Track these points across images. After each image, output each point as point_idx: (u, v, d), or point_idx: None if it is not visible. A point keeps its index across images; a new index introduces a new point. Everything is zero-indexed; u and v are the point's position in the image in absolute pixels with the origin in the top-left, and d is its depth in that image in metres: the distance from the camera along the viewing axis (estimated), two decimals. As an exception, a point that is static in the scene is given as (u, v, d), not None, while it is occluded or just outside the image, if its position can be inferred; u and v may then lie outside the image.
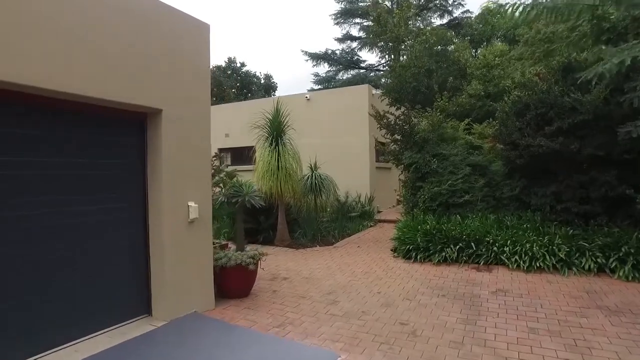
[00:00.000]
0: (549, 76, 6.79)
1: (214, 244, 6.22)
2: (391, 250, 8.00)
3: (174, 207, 4.32)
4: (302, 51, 30.56)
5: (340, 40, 30.63)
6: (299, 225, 9.30)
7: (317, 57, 30.76)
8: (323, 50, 30.54)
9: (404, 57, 8.39)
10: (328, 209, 10.85)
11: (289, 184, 8.43)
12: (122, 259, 4.17)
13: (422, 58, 8.10)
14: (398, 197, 14.39)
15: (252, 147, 9.28)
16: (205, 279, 4.76)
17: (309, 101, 13.20)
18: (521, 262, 6.21)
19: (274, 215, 8.92)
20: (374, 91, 12.52)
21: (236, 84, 35.05)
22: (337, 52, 30.40)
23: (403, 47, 9.09)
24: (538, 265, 6.08)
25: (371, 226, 10.99)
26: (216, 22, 64.27)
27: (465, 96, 13.30)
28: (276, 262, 7.33)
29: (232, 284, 5.14)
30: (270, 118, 8.64)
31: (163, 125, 4.21)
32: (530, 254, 6.19)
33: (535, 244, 6.26)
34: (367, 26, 29.37)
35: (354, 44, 30.34)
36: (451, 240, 6.94)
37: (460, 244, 6.80)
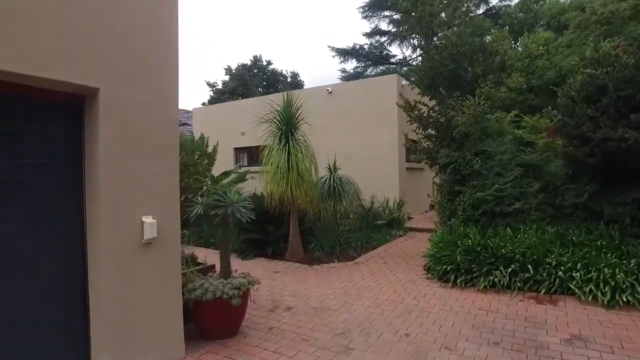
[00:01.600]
0: (631, 49, 5.22)
1: (198, 264, 5.05)
2: (424, 269, 6.60)
3: (117, 223, 3.13)
4: (329, 47, 29.37)
5: (369, 35, 29.16)
6: (315, 236, 8.02)
7: (344, 53, 29.41)
8: (351, 45, 29.17)
9: (439, 35, 7.03)
10: (351, 216, 9.51)
11: (301, 187, 7.17)
12: (45, 311, 2.98)
13: (464, 36, 6.65)
14: (431, 201, 12.89)
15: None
16: (171, 320, 3.55)
17: (331, 94, 11.90)
18: (599, 294, 4.69)
19: (286, 224, 7.68)
20: (403, 82, 11.09)
21: (262, 83, 34.18)
22: (366, 47, 28.96)
23: (438, 23, 7.62)
24: (624, 299, 4.53)
25: (400, 235, 9.57)
26: (242, 20, 64.11)
27: (505, 90, 11.70)
28: (282, 284, 6.07)
29: (211, 322, 3.92)
30: (280, 110, 7.41)
31: (101, 111, 3.03)
32: (611, 283, 4.65)
33: (618, 269, 4.71)
34: (397, 19, 27.85)
35: (383, 39, 28.82)
36: (501, 260, 5.48)
37: (513, 266, 5.33)
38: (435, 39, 8.58)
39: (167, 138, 3.54)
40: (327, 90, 11.89)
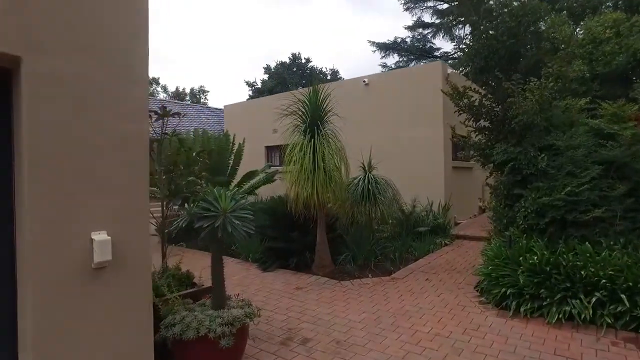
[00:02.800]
0: None
1: (192, 284, 4.20)
2: (475, 289, 5.44)
3: (51, 243, 2.29)
4: (370, 42, 28.09)
5: (411, 27, 27.74)
6: (346, 245, 7.02)
7: (385, 48, 28.18)
8: (392, 39, 27.85)
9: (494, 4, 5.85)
10: (389, 222, 8.41)
11: (329, 189, 6.20)
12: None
13: (529, 5, 5.40)
14: (482, 204, 11.51)
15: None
16: (136, 367, 2.68)
17: (368, 86, 10.83)
18: None
19: (312, 231, 6.74)
20: (449, 70, 9.85)
21: (301, 81, 33.52)
22: (408, 40, 27.54)
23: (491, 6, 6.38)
24: None
25: (446, 244, 8.36)
26: (280, 18, 63.94)
27: (579, 68, 10.23)
28: (303, 304, 5.13)
29: (194, 368, 3.04)
30: (305, 100, 6.47)
31: (24, 88, 2.20)
32: None
33: None
34: (442, 9, 26.23)
35: (427, 31, 27.28)
36: (579, 285, 4.25)
37: (598, 294, 4.09)
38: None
39: (130, 127, 2.68)
40: (364, 81, 10.83)
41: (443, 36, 26.10)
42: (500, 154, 5.71)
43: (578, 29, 18.57)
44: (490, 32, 5.65)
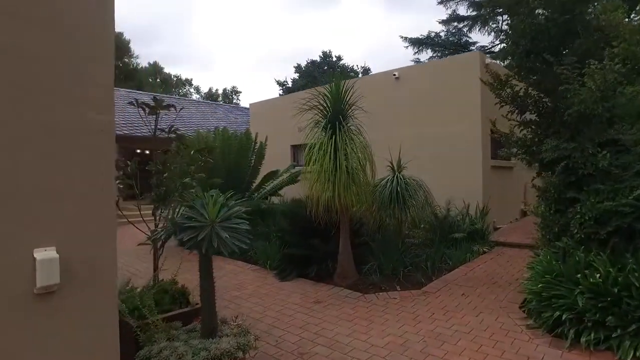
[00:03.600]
0: None
1: (187, 302, 3.69)
2: (521, 309, 4.67)
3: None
4: (402, 37, 27.11)
5: (446, 22, 26.52)
6: (372, 253, 6.35)
7: (418, 43, 27.08)
8: (425, 34, 26.76)
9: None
10: (421, 226, 7.67)
11: (352, 191, 5.57)
12: None
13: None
14: (524, 208, 10.52)
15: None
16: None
17: (398, 80, 10.08)
18: None
19: (335, 238, 6.12)
20: (488, 60, 8.98)
21: (332, 79, 32.90)
22: (442, 34, 26.37)
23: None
24: None
25: (485, 252, 7.53)
26: (312, 17, 63.52)
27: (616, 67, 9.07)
28: (320, 322, 4.52)
29: (173, 414, 2.49)
30: (325, 92, 5.87)
31: None
32: None
33: None
34: (478, 1, 24.94)
35: (462, 24, 26.02)
36: (658, 312, 3.43)
37: (685, 326, 3.27)
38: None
39: (91, 118, 2.15)
40: (394, 75, 10.09)
41: (479, 29, 24.78)
42: (550, 151, 4.88)
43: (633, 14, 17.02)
44: (539, 10, 4.84)
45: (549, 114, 5.14)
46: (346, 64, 35.03)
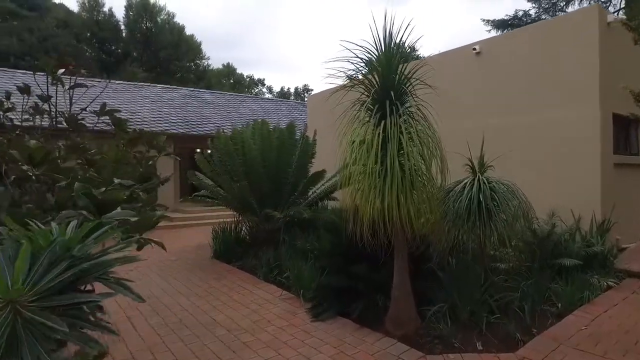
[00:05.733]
0: None
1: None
2: None
3: None
4: (483, 20, 24.14)
5: (537, -2, 23.10)
6: (441, 286, 4.51)
7: (503, 25, 23.92)
8: (511, 14, 23.53)
9: None
10: (512, 244, 5.60)
11: (410, 200, 3.81)
12: None
13: None
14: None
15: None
16: None
17: (480, 56, 7.96)
18: None
19: (387, 264, 4.38)
20: (611, 17, 6.57)
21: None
22: (532, 12, 22.98)
23: None
24: None
25: (609, 287, 5.28)
26: (386, 10, 60.95)
27: None
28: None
29: None
30: (372, 61, 4.14)
31: None
32: None
33: None
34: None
35: (558, -1, 22.43)
36: None
37: None
38: None
39: None
40: (474, 49, 7.97)
41: (580, 1, 21.11)
42: None
43: None
44: None
45: None
46: (421, 55, 32.41)
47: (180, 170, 14.66)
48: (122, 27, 38.12)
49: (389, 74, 4.07)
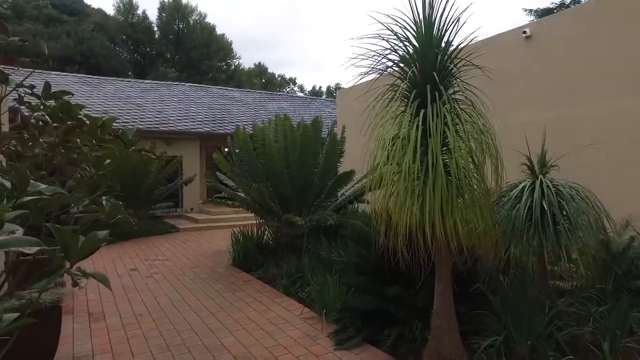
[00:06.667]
0: None
1: None
2: None
3: None
4: (525, 10, 22.70)
5: (585, -18, 21.40)
6: (494, 312, 3.68)
7: (548, 14, 22.36)
8: (557, 1, 21.95)
9: None
10: (573, 257, 4.65)
11: (455, 208, 3.03)
12: None
13: None
14: None
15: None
16: None
17: (530, 40, 6.98)
18: None
19: (426, 284, 3.60)
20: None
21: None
22: (581, -1, 21.31)
23: None
24: None
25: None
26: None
27: None
28: None
29: None
30: (409, 35, 3.36)
31: None
32: None
33: None
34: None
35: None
36: None
37: None
38: None
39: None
40: (523, 32, 6.99)
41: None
42: None
43: None
44: None
45: None
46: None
47: (206, 170, 14.28)
48: (155, 28, 38.66)
49: (430, 51, 3.28)
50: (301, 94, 50.93)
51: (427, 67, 3.35)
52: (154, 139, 12.35)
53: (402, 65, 3.49)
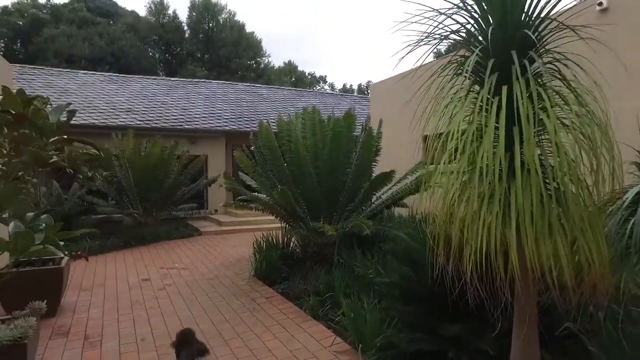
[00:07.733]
0: None
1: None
2: None
3: None
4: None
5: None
6: (591, 358, 2.71)
7: None
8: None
9: None
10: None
11: (553, 225, 2.10)
12: None
13: None
14: None
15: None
16: None
17: (606, 13, 5.85)
18: None
19: (504, 324, 2.67)
20: None
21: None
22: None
23: None
24: None
25: None
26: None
27: None
28: None
29: None
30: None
31: None
32: None
33: None
34: None
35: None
36: None
37: None
38: None
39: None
40: (598, 4, 5.87)
41: None
42: None
43: None
44: None
45: None
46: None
47: (232, 170, 13.63)
48: (185, 27, 38.75)
49: (514, 13, 2.35)
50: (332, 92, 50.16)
51: (507, 33, 2.42)
52: (177, 137, 11.79)
53: (472, 24, 2.56)
